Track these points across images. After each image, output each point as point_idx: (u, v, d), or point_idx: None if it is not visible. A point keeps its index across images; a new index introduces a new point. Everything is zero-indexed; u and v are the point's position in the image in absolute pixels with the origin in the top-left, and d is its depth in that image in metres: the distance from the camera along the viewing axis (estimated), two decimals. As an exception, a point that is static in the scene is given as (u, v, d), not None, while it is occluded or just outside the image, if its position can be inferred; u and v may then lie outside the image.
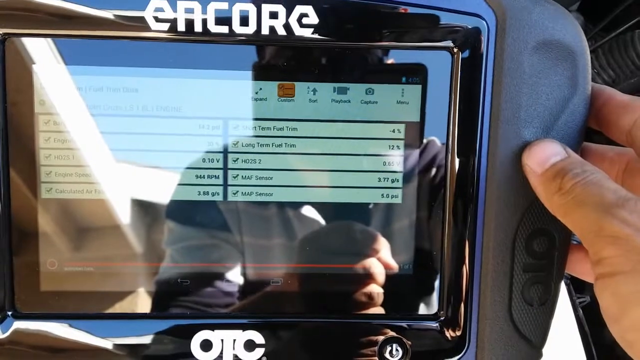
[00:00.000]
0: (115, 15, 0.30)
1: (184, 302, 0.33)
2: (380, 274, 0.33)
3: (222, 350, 0.32)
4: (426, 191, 0.33)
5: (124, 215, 0.32)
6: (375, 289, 0.33)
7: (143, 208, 0.32)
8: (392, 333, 0.33)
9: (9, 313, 0.32)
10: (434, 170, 0.33)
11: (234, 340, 0.32)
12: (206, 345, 0.32)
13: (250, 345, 0.32)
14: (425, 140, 0.33)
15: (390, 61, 0.32)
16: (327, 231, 0.33)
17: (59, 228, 0.32)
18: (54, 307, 0.32)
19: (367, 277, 0.33)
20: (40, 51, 0.30)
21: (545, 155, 0.30)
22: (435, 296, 0.34)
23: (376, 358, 0.33)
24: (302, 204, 0.33)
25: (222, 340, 0.32)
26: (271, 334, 0.33)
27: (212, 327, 0.32)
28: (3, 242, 0.31)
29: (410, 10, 0.31)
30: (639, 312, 0.25)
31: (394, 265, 0.33)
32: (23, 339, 0.32)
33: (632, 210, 0.25)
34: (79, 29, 0.30)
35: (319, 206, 0.33)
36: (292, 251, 0.33)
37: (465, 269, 0.33)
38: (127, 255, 0.32)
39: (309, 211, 0.33)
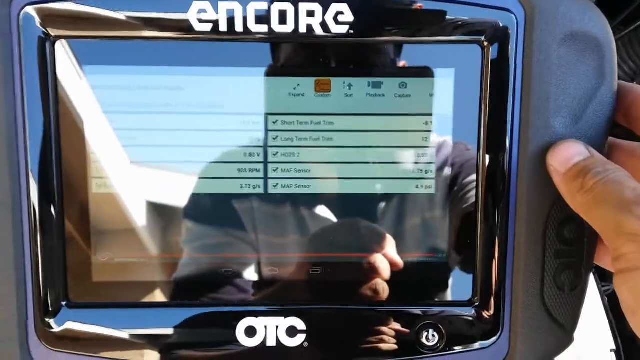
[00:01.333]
0: (160, 18, 0.31)
1: (225, 292, 0.34)
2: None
3: (265, 336, 0.34)
4: (459, 181, 0.34)
5: (170, 209, 0.34)
6: (419, 275, 0.34)
7: (191, 202, 0.33)
8: (428, 319, 0.34)
9: (64, 303, 0.33)
10: (466, 161, 0.34)
11: (277, 327, 0.34)
12: (251, 332, 0.33)
13: (292, 331, 0.34)
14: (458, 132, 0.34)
15: (422, 56, 0.33)
16: (361, 222, 0.34)
17: (110, 222, 0.33)
18: (105, 296, 0.34)
19: (411, 264, 0.34)
20: (91, 52, 0.32)
21: (568, 155, 0.31)
22: (469, 283, 0.35)
23: (414, 343, 0.34)
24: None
25: (265, 326, 0.34)
26: (312, 321, 0.34)
27: (256, 314, 0.34)
28: (57, 237, 0.33)
29: (442, 6, 0.32)
30: None
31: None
32: (78, 328, 0.33)
33: None
34: (127, 31, 0.31)
35: (352, 198, 0.34)
36: (337, 238, 0.34)
37: (497, 256, 0.34)
38: (175, 247, 0.34)
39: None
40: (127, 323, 0.33)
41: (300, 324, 0.34)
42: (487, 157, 0.33)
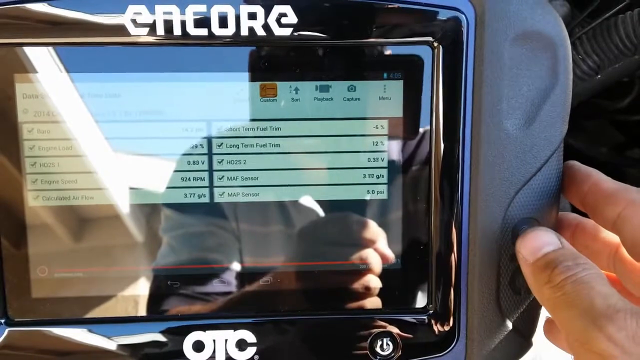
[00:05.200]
0: (94, 22, 0.30)
1: (172, 305, 0.33)
2: (377, 265, 0.33)
3: (214, 350, 0.33)
4: (412, 186, 0.33)
5: (112, 220, 0.32)
6: (372, 283, 0.34)
7: (132, 212, 0.32)
8: (382, 327, 0.33)
9: (2, 321, 0.32)
10: (418, 165, 0.33)
11: (226, 340, 0.33)
12: (199, 346, 0.32)
13: (242, 345, 0.33)
14: (409, 135, 0.33)
15: (371, 58, 0.32)
16: (321, 224, 0.33)
17: (48, 235, 0.32)
18: (46, 313, 0.32)
19: (363, 271, 0.33)
20: (21, 60, 0.30)
21: (538, 244, 0.30)
22: (424, 289, 0.34)
23: (367, 352, 0.33)
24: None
25: (214, 340, 0.33)
26: (262, 333, 0.33)
27: (204, 327, 0.32)
28: None
29: (390, 6, 0.31)
30: None
31: (391, 256, 0.33)
32: (17, 345, 0.32)
33: (621, 327, 0.24)
34: (59, 37, 0.30)
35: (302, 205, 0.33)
36: (284, 246, 0.33)
37: (452, 262, 0.33)
38: (115, 260, 0.32)
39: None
40: (68, 339, 0.32)
41: (250, 337, 0.33)
42: (440, 160, 0.33)
